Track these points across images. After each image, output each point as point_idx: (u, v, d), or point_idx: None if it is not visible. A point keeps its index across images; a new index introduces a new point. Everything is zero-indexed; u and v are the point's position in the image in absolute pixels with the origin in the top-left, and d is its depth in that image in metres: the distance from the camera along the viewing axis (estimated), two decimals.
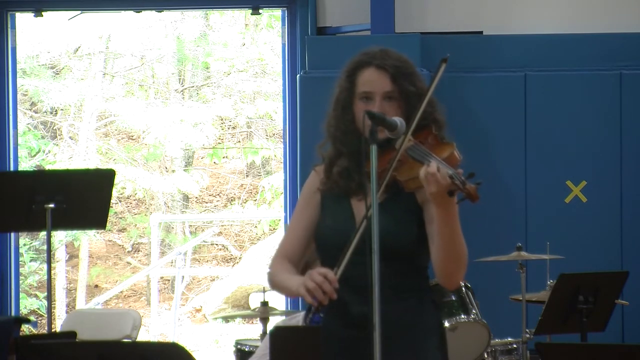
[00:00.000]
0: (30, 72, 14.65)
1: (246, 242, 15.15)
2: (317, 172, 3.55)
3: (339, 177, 3.45)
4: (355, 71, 3.44)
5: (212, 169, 15.68)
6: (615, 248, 7.71)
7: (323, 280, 3.23)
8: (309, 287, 3.24)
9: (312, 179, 3.56)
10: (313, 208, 3.51)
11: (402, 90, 3.38)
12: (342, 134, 3.45)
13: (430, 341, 3.43)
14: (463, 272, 3.34)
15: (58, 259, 14.10)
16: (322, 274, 3.24)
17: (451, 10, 8.19)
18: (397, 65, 3.40)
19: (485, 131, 7.76)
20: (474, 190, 3.10)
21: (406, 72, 3.40)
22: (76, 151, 14.64)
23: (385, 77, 3.39)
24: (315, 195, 3.52)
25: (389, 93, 3.38)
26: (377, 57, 3.41)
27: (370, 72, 3.41)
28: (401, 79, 3.38)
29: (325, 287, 3.22)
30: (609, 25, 8.01)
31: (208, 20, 15.41)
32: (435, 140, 3.31)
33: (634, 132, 7.75)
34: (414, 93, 3.37)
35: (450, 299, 5.69)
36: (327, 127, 3.50)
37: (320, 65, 7.53)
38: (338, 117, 3.46)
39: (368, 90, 3.40)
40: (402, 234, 3.35)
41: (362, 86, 3.41)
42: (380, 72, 3.39)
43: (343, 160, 3.46)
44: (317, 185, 3.52)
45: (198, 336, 13.52)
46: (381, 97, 3.38)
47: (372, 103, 3.38)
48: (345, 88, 3.45)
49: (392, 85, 3.38)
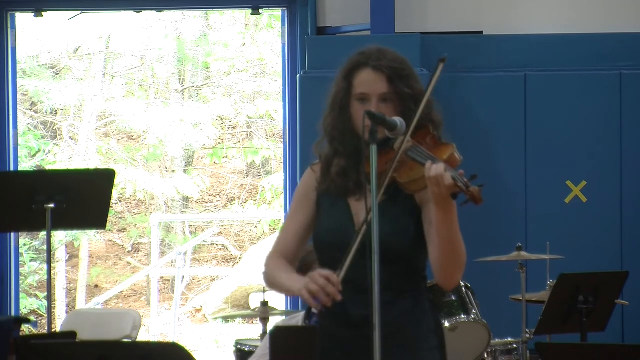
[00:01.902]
0: (30, 72, 14.65)
1: (246, 242, 15.15)
2: (313, 170, 3.54)
3: (337, 177, 3.45)
4: (352, 72, 3.43)
5: (212, 169, 15.68)
6: (615, 248, 7.70)
7: (326, 283, 3.21)
8: (311, 290, 3.23)
9: (308, 176, 3.55)
10: (309, 206, 3.50)
11: (398, 92, 3.37)
12: (339, 134, 3.44)
13: (429, 341, 3.43)
14: (461, 272, 3.34)
15: (58, 259, 14.10)
16: (325, 276, 3.23)
17: (451, 10, 8.19)
18: (393, 67, 3.39)
19: (485, 131, 7.76)
20: (477, 192, 3.09)
21: (403, 74, 3.39)
22: (76, 151, 14.64)
23: (381, 78, 3.38)
24: (312, 193, 3.51)
25: (385, 95, 3.38)
26: (374, 58, 3.40)
27: (367, 73, 3.40)
28: (397, 80, 3.37)
29: (329, 289, 3.21)
30: (609, 25, 8.01)
31: (208, 20, 15.41)
32: (433, 141, 3.30)
33: (634, 132, 7.75)
34: (410, 95, 3.37)
35: (450, 299, 5.69)
36: (324, 126, 3.49)
37: (320, 65, 7.52)
38: (335, 116, 3.45)
39: (364, 91, 3.39)
40: (400, 235, 3.35)
41: (359, 87, 3.41)
42: (377, 73, 3.38)
43: (340, 160, 3.45)
44: (314, 183, 3.51)
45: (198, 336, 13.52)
46: (377, 98, 3.38)
47: (369, 104, 3.37)
48: (342, 88, 3.44)
49: (388, 87, 3.37)
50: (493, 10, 8.17)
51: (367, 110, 3.26)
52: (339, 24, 8.20)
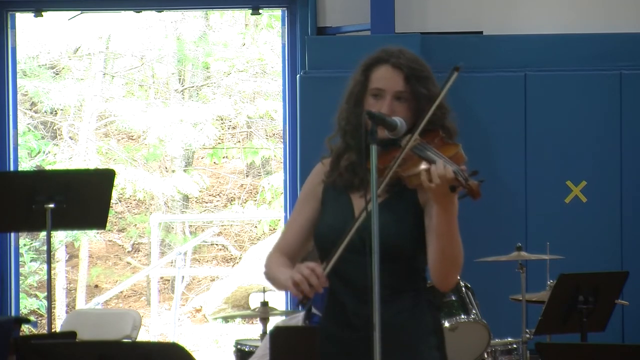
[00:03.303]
0: (30, 72, 14.65)
1: (246, 242, 15.15)
2: (323, 164, 3.54)
3: (345, 171, 3.45)
4: (371, 67, 3.44)
5: (212, 169, 15.68)
6: (615, 248, 7.71)
7: (310, 274, 3.22)
8: (295, 280, 3.23)
9: (317, 170, 3.55)
10: (315, 201, 3.50)
11: (414, 91, 3.37)
12: (352, 128, 3.44)
13: (428, 341, 3.42)
14: (457, 274, 3.34)
15: (58, 259, 14.10)
16: (310, 267, 3.24)
17: (451, 10, 8.19)
18: (413, 67, 3.40)
19: (485, 131, 7.76)
20: (476, 186, 3.11)
21: (421, 75, 3.40)
22: (76, 151, 14.64)
23: (399, 76, 3.38)
24: (318, 187, 3.51)
25: (400, 93, 3.38)
26: (395, 56, 3.41)
27: (386, 69, 3.41)
28: (414, 80, 3.38)
29: (312, 280, 3.21)
30: (609, 25, 8.01)
31: (208, 20, 15.41)
32: (441, 142, 3.32)
33: (634, 132, 7.76)
34: (426, 96, 3.37)
35: (450, 299, 5.69)
36: (338, 120, 3.49)
37: (320, 65, 7.52)
38: (350, 110, 3.45)
39: (380, 87, 3.40)
40: (402, 234, 3.34)
41: (375, 82, 3.41)
42: (395, 70, 3.39)
43: (351, 155, 3.45)
44: (321, 177, 3.51)
45: (198, 336, 13.52)
46: (392, 96, 3.38)
47: (382, 100, 3.38)
48: (359, 82, 3.45)
49: (405, 86, 3.38)
50: (493, 10, 8.17)
51: (367, 110, 3.27)
52: (339, 24, 8.19)
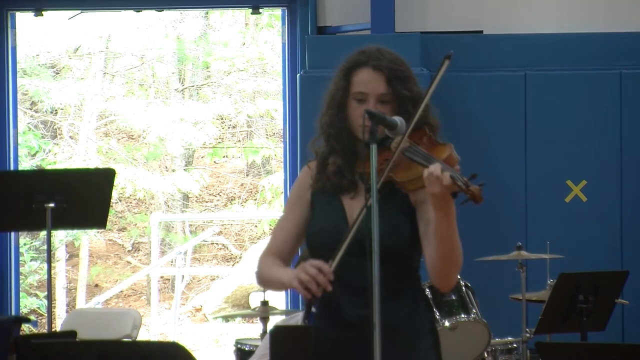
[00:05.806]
0: (30, 72, 14.65)
1: (246, 242, 15.16)
2: (309, 168, 3.52)
3: (332, 175, 3.43)
4: (351, 70, 3.42)
5: (213, 168, 15.68)
6: (615, 247, 7.71)
7: (317, 273, 3.20)
8: (302, 279, 3.21)
9: (304, 174, 3.53)
10: (304, 205, 3.48)
11: (396, 93, 3.36)
12: (335, 132, 3.43)
13: (424, 341, 3.41)
14: (457, 274, 3.33)
15: (58, 258, 14.12)
16: (316, 266, 3.21)
17: (451, 9, 8.19)
18: (393, 68, 3.37)
19: (485, 131, 7.76)
20: (478, 191, 3.08)
21: (402, 75, 3.38)
22: (76, 151, 14.65)
23: (380, 78, 3.37)
24: (306, 192, 3.49)
25: (383, 96, 3.37)
26: (374, 58, 3.39)
27: (367, 72, 3.39)
28: (396, 82, 3.36)
29: (320, 279, 3.19)
30: (609, 25, 8.01)
31: (208, 19, 15.42)
32: (430, 141, 3.29)
33: (634, 132, 7.76)
34: (408, 97, 3.35)
35: (450, 298, 5.68)
36: (320, 124, 3.48)
37: (321, 65, 7.52)
38: (332, 114, 3.44)
39: (363, 90, 3.38)
40: (396, 234, 3.33)
41: (357, 86, 3.40)
42: (376, 73, 3.37)
43: (336, 158, 3.43)
44: (309, 181, 3.49)
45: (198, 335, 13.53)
46: (375, 99, 3.37)
47: (366, 104, 3.36)
48: (341, 86, 3.43)
49: (387, 88, 3.36)
50: (493, 10, 8.17)
51: (367, 109, 3.25)
52: (339, 23, 8.20)
